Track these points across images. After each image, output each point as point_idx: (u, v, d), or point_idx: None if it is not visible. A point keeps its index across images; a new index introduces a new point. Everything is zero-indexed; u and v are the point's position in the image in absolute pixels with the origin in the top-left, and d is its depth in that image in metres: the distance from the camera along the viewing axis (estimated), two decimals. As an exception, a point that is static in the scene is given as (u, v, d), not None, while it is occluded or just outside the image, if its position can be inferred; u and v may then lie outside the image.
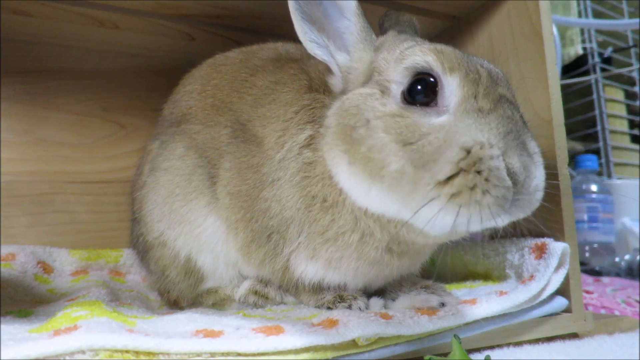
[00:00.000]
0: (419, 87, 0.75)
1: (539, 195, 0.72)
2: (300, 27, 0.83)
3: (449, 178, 0.68)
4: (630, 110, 2.80)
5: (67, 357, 0.57)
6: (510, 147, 0.69)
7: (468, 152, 0.68)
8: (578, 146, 2.42)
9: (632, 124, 2.79)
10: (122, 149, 1.54)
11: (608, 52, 2.76)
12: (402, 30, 0.97)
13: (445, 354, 0.73)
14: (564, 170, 0.99)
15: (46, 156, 1.44)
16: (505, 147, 0.69)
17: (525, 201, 0.70)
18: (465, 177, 0.67)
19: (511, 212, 0.70)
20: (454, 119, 0.72)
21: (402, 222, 0.78)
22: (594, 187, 2.25)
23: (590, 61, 2.65)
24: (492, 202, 0.67)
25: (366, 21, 0.85)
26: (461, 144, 0.69)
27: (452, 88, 0.73)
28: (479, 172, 0.67)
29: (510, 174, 0.68)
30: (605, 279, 1.87)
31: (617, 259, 2.18)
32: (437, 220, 0.70)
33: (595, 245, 2.20)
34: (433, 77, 0.74)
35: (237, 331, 0.71)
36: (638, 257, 2.11)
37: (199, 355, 0.63)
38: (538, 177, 0.72)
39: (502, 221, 0.72)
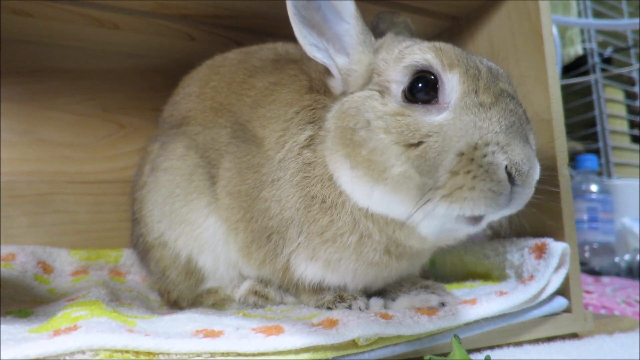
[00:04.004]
0: (420, 85, 0.75)
1: (532, 190, 0.72)
2: (300, 31, 0.83)
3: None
4: (630, 110, 2.81)
5: (67, 357, 0.57)
6: (513, 139, 0.69)
7: (462, 154, 0.68)
8: (578, 146, 2.42)
9: (632, 124, 2.80)
10: (122, 149, 1.54)
11: (608, 52, 2.76)
12: (398, 32, 0.97)
13: (445, 354, 0.73)
14: (564, 170, 0.99)
15: (46, 156, 1.44)
16: (508, 140, 0.69)
17: (524, 194, 0.70)
18: (455, 178, 0.68)
19: (510, 204, 0.70)
20: (454, 115, 0.72)
21: (400, 223, 0.79)
22: (594, 187, 2.25)
23: (590, 61, 2.65)
24: (476, 196, 0.67)
25: (365, 23, 0.85)
26: (456, 150, 0.69)
27: (452, 84, 0.74)
28: (468, 172, 0.67)
29: (513, 165, 0.67)
30: (605, 279, 1.87)
31: (617, 259, 2.18)
32: (429, 219, 0.72)
33: (595, 245, 2.20)
34: (433, 74, 0.74)
35: (237, 331, 0.71)
36: (638, 257, 2.11)
37: (198, 355, 0.64)
38: (537, 172, 0.72)
39: (495, 215, 0.72)
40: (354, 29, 0.84)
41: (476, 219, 0.72)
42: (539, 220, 0.96)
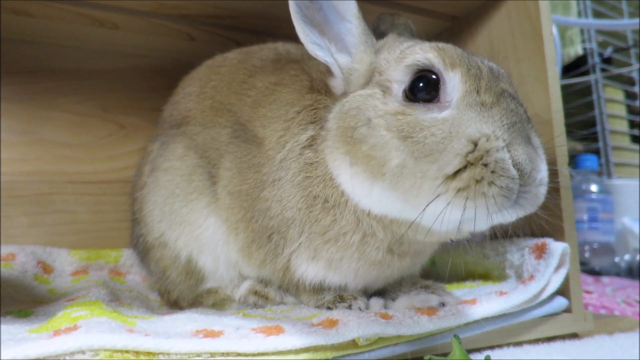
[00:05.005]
0: (421, 85, 0.75)
1: (544, 189, 0.72)
2: (302, 30, 0.83)
3: (457, 172, 0.68)
4: (630, 110, 2.80)
5: (67, 357, 0.57)
6: (515, 139, 0.69)
7: (475, 144, 0.68)
8: (578, 146, 2.42)
9: (632, 124, 2.79)
10: (122, 149, 1.54)
11: (608, 52, 2.76)
12: (400, 33, 0.97)
13: (445, 354, 0.73)
14: (564, 170, 0.99)
15: (46, 156, 1.44)
16: (509, 139, 0.69)
17: (532, 194, 0.70)
18: (473, 170, 0.67)
19: (519, 206, 0.70)
20: (457, 113, 0.72)
21: (405, 221, 0.78)
22: (594, 187, 2.25)
23: (590, 61, 2.65)
24: (497, 193, 0.67)
25: (366, 24, 0.85)
26: (468, 135, 0.69)
27: (454, 83, 0.74)
28: (485, 165, 0.67)
29: (516, 165, 0.68)
30: (605, 279, 1.87)
31: (617, 259, 2.18)
32: (445, 215, 0.70)
33: (595, 245, 2.20)
34: (435, 73, 0.75)
35: (237, 331, 0.71)
36: (638, 257, 2.11)
37: (198, 355, 0.64)
38: (543, 171, 0.72)
39: (509, 216, 0.71)
40: (356, 29, 0.84)
41: None
42: (539, 220, 0.96)
